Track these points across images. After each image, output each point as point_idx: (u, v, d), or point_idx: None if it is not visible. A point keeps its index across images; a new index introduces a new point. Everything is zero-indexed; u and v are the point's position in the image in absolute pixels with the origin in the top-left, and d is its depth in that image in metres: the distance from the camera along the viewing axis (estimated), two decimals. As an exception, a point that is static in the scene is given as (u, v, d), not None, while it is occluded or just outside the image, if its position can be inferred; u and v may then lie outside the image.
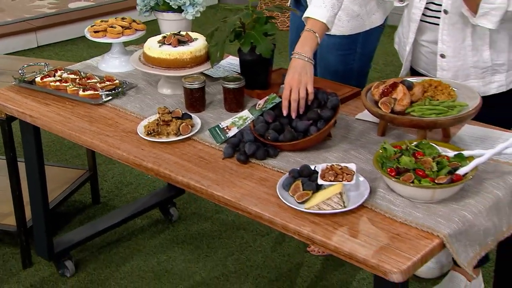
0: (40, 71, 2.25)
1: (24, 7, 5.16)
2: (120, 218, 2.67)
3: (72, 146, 3.37)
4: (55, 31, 4.89)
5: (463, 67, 1.99)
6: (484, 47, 1.96)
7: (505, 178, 1.62)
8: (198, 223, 2.80)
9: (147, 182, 3.09)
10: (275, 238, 2.68)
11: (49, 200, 2.52)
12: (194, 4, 2.22)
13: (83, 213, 2.89)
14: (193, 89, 1.97)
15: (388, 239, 1.45)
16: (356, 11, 2.25)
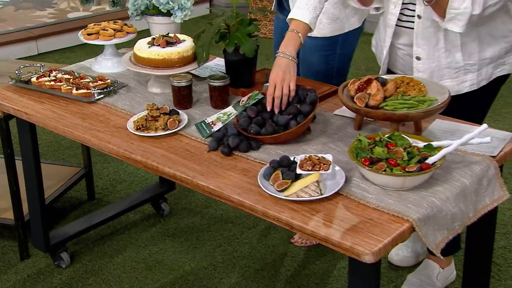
0: (36, 72, 2.26)
1: (26, 17, 5.17)
2: (114, 212, 2.68)
3: (69, 146, 3.38)
4: (54, 39, 4.90)
5: (437, 68, 2.01)
6: (456, 49, 1.99)
7: (471, 168, 1.64)
8: (188, 217, 2.81)
9: (140, 179, 3.10)
10: (261, 231, 2.69)
11: (46, 196, 2.53)
12: (182, 8, 2.24)
13: (79, 208, 2.89)
14: (181, 87, 1.98)
15: (361, 223, 1.47)
16: (336, 15, 2.28)
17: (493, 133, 1.78)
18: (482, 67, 2.03)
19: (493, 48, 2.01)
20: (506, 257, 2.50)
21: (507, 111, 3.59)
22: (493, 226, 1.91)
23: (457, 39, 1.96)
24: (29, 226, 2.51)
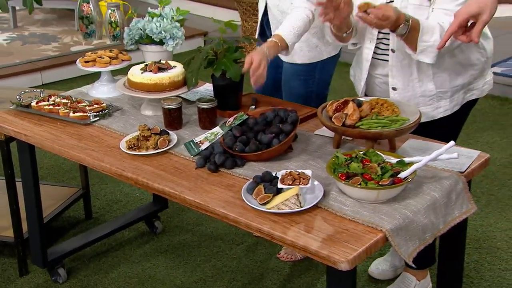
0: (36, 97, 2.27)
1: (32, 51, 5.20)
2: (109, 230, 2.66)
3: (69, 169, 3.37)
4: (58, 71, 4.92)
5: (412, 97, 2.03)
6: (428, 78, 2.01)
7: (441, 183, 1.65)
8: (180, 235, 2.79)
9: (135, 199, 3.09)
10: (249, 247, 2.68)
11: (44, 215, 2.52)
12: (174, 38, 2.26)
13: (76, 227, 2.88)
14: (171, 109, 2.00)
15: (338, 234, 1.47)
16: (315, 43, 2.32)
17: (462, 151, 1.80)
18: (454, 94, 2.05)
19: (463, 76, 2.04)
20: (479, 270, 2.49)
21: (479, 135, 3.62)
22: (463, 240, 1.91)
23: (429, 69, 1.99)
24: (28, 243, 2.49)
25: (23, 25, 5.80)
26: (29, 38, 5.48)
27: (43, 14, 6.09)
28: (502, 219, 2.82)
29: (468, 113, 2.16)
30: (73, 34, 5.47)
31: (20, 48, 5.26)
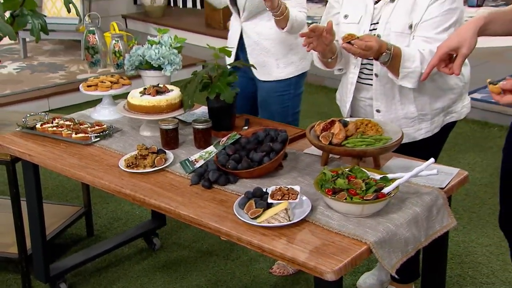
0: (40, 120, 2.27)
1: (40, 79, 5.22)
2: (109, 246, 2.64)
3: (72, 189, 3.35)
4: (64, 97, 4.93)
5: (395, 118, 2.03)
6: (410, 101, 2.02)
7: (423, 198, 1.65)
8: (177, 251, 2.77)
9: (135, 217, 3.07)
10: (243, 262, 2.66)
11: (47, 232, 2.50)
12: (171, 63, 2.27)
13: (78, 244, 2.85)
14: (168, 130, 2.00)
15: (324, 246, 1.46)
16: (291, 59, 2.47)
17: (442, 169, 1.81)
18: (434, 117, 2.06)
19: (442, 99, 2.05)
20: (461, 283, 2.47)
21: (461, 157, 3.62)
22: (445, 253, 1.90)
23: (411, 93, 2.00)
24: (31, 259, 2.47)
25: (33, 55, 5.83)
26: (37, 67, 5.50)
27: (52, 45, 6.13)
28: (483, 236, 2.81)
29: (447, 134, 2.17)
30: (79, 63, 5.49)
31: (29, 76, 5.28)
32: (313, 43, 1.88)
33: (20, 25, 2.44)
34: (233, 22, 2.60)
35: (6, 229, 2.63)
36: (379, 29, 1.95)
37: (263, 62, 2.49)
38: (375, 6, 1.97)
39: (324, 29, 1.84)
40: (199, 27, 6.04)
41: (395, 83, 1.97)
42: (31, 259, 2.47)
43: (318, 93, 4.64)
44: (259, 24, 2.45)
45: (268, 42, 2.45)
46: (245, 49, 2.51)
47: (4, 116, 2.69)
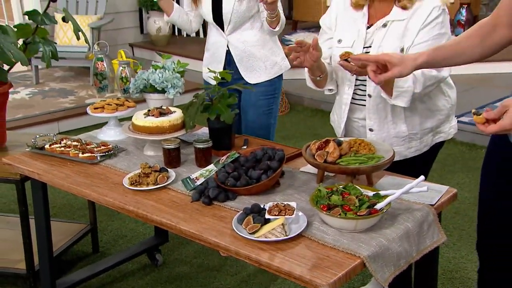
0: (49, 140, 2.26)
1: (51, 103, 5.23)
2: (114, 262, 2.61)
3: (79, 208, 3.33)
4: (73, 121, 4.94)
5: (387, 137, 2.03)
6: (401, 121, 2.02)
7: (414, 214, 1.63)
8: (179, 267, 2.74)
9: (139, 234, 3.05)
10: (242, 278, 2.63)
11: (54, 249, 2.48)
12: (174, 86, 2.28)
13: (84, 260, 2.82)
14: (170, 149, 1.99)
15: (319, 260, 1.44)
16: (274, 60, 2.64)
17: (432, 186, 1.79)
18: (423, 136, 2.06)
19: (431, 120, 2.05)
20: (453, 298, 2.45)
21: (451, 177, 3.60)
22: (435, 268, 1.87)
23: (402, 113, 2.00)
24: (39, 275, 2.44)
25: (44, 82, 5.85)
26: (49, 93, 5.52)
27: (62, 72, 6.16)
28: (473, 252, 2.77)
29: (436, 153, 2.16)
30: (88, 89, 5.51)
31: (40, 101, 5.29)
32: (300, 58, 1.90)
33: (32, 52, 2.46)
34: (214, 38, 2.70)
35: (15, 246, 2.61)
36: (371, 52, 1.95)
37: (252, 67, 2.66)
38: (368, 31, 1.98)
39: (310, 45, 1.86)
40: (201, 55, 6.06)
41: (387, 104, 1.97)
42: (38, 275, 2.44)
43: (314, 117, 4.64)
44: (244, 34, 2.63)
45: (255, 48, 2.61)
46: (232, 60, 2.65)
47: (15, 138, 2.68)
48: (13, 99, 5.23)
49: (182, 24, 2.77)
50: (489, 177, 1.80)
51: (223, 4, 2.58)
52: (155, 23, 6.56)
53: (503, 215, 1.77)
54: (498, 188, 1.75)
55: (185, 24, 2.77)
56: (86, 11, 5.88)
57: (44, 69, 6.07)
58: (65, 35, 5.63)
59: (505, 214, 1.76)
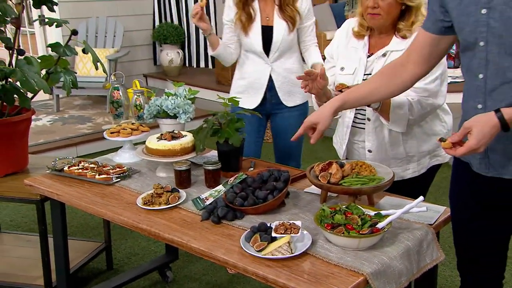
0: (68, 163, 2.24)
1: (70, 129, 5.23)
2: (127, 279, 2.56)
3: (95, 227, 3.29)
4: (90, 145, 4.93)
5: (385, 158, 2.00)
6: (399, 143, 1.99)
7: (414, 233, 1.59)
8: (188, 283, 2.68)
9: (151, 252, 3.00)
10: (248, 294, 2.57)
11: (71, 266, 2.43)
12: (185, 112, 2.26)
13: (99, 277, 2.77)
14: (181, 171, 1.96)
15: (324, 277, 1.40)
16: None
17: (431, 207, 1.76)
18: (420, 158, 2.03)
19: (428, 143, 2.02)
20: (451, 314, 2.37)
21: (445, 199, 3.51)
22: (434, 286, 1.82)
23: (400, 136, 1.98)
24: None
25: (64, 109, 5.88)
26: (68, 119, 5.53)
27: (81, 100, 6.19)
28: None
29: (433, 176, 2.12)
30: (105, 116, 5.52)
31: (60, 127, 5.30)
32: (309, 85, 1.91)
33: (53, 81, 2.45)
34: (254, 67, 2.67)
35: (34, 263, 2.57)
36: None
37: (290, 92, 2.68)
38: (368, 59, 1.98)
39: (318, 74, 1.87)
40: (210, 84, 6.09)
41: (385, 127, 1.95)
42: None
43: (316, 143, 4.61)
44: (286, 62, 2.65)
45: (294, 74, 2.58)
46: (273, 86, 2.64)
47: (36, 161, 2.67)
48: (36, 126, 5.25)
49: (225, 56, 2.69)
50: (459, 197, 1.72)
51: (274, 33, 2.58)
52: (167, 55, 6.60)
53: (477, 235, 1.68)
54: (470, 209, 1.66)
55: (228, 56, 2.69)
56: (104, 45, 5.93)
57: (65, 98, 6.10)
58: (84, 67, 5.66)
59: (479, 234, 1.67)
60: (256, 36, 2.59)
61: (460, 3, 1.45)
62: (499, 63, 1.39)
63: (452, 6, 1.48)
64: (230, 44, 2.68)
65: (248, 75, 2.69)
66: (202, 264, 2.79)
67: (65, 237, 2.30)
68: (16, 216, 3.44)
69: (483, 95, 1.45)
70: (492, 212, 1.61)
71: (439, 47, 1.60)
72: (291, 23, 2.56)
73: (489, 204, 1.60)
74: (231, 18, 2.62)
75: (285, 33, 2.57)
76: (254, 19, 2.57)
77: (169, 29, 6.49)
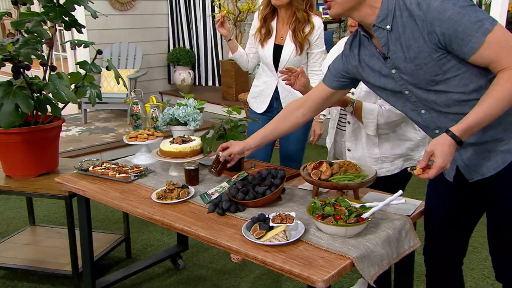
0: (92, 164, 2.22)
1: (96, 138, 5.21)
2: (143, 266, 2.53)
3: (116, 221, 3.26)
4: (112, 152, 4.90)
5: (362, 157, 1.99)
6: (375, 145, 1.98)
7: (394, 223, 1.56)
8: (197, 270, 2.65)
9: (164, 244, 2.96)
10: (250, 280, 2.53)
11: (95, 255, 2.41)
12: (194, 120, 2.24)
13: (119, 264, 2.74)
14: (190, 170, 1.94)
15: (315, 260, 1.37)
16: None
17: (409, 200, 1.73)
18: (394, 160, 2.00)
19: (401, 147, 2.00)
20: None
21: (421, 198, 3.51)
22: (412, 269, 1.79)
23: (375, 138, 1.96)
24: (82, 276, 2.36)
25: (91, 121, 5.86)
26: (94, 130, 5.51)
27: (105, 114, 6.17)
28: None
29: (408, 177, 2.10)
30: (125, 127, 5.51)
31: (87, 137, 5.28)
32: (291, 80, 1.92)
33: (81, 94, 2.44)
34: (266, 78, 2.66)
35: (63, 252, 2.54)
36: (354, 90, 1.93)
37: None
38: None
39: (299, 72, 1.89)
40: (217, 99, 6.08)
41: (362, 130, 1.94)
42: (81, 276, 2.36)
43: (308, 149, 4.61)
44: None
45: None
46: (278, 97, 2.61)
47: (65, 163, 2.65)
48: (66, 135, 5.23)
49: (241, 62, 2.71)
50: (434, 191, 1.70)
51: (282, 52, 2.57)
52: (180, 75, 6.60)
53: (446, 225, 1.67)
54: (443, 201, 1.65)
55: (244, 62, 2.71)
56: (126, 66, 5.93)
57: (91, 112, 6.09)
58: (108, 85, 5.66)
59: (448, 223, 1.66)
60: (269, 51, 2.59)
61: (373, 71, 1.52)
62: (427, 100, 1.45)
63: (366, 75, 1.55)
64: (248, 53, 2.71)
65: (260, 84, 2.69)
66: (209, 254, 2.75)
67: (90, 229, 2.27)
68: (48, 212, 3.41)
69: (433, 123, 1.50)
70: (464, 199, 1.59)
71: (333, 99, 1.70)
72: (299, 47, 2.53)
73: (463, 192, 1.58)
74: (254, 32, 2.63)
75: (293, 54, 2.55)
76: (270, 35, 2.57)
77: (182, 53, 6.51)
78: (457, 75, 1.37)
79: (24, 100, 2.14)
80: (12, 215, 3.36)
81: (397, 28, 1.38)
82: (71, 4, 2.30)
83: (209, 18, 6.46)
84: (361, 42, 1.54)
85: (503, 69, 1.29)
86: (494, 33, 1.28)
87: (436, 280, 1.73)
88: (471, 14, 1.27)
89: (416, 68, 1.40)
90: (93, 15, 2.34)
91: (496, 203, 1.51)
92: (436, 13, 1.29)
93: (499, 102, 1.28)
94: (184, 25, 6.68)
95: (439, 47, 1.33)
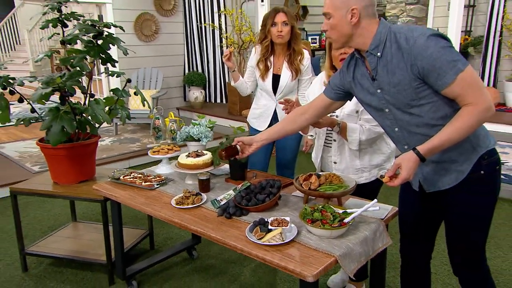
0: (123, 173, 2.23)
1: (124, 147, 5.21)
2: (164, 256, 2.53)
3: (142, 218, 3.25)
4: (138, 159, 4.89)
5: (346, 168, 1.99)
6: (356, 157, 1.98)
7: (370, 225, 1.57)
8: (208, 260, 2.65)
9: (181, 238, 2.96)
10: (252, 268, 2.53)
11: (125, 246, 2.41)
12: (206, 137, 2.25)
13: (144, 255, 2.73)
14: (203, 180, 1.94)
15: (306, 258, 1.37)
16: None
17: (382, 206, 1.73)
18: (371, 170, 2.01)
19: (377, 158, 2.01)
20: (394, 281, 2.32)
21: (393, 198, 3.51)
22: (384, 262, 1.79)
23: (356, 152, 1.96)
24: (115, 264, 2.36)
25: (121, 133, 5.86)
26: (123, 140, 5.51)
27: (133, 127, 6.18)
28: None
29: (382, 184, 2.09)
30: (149, 138, 5.51)
31: (117, 146, 5.29)
32: (288, 109, 1.94)
33: (113, 115, 2.46)
34: (265, 102, 2.67)
35: (99, 244, 2.54)
36: (337, 111, 1.94)
37: None
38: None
39: (294, 102, 1.91)
40: (224, 114, 6.09)
41: (346, 146, 1.95)
42: (114, 264, 2.36)
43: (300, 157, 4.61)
44: None
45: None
46: (277, 117, 2.63)
47: (101, 172, 2.65)
48: (100, 145, 5.24)
49: (242, 89, 2.71)
50: (405, 197, 1.70)
51: (280, 80, 2.59)
52: (193, 94, 6.62)
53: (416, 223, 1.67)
54: (412, 205, 1.66)
55: (244, 89, 2.72)
56: (149, 87, 5.95)
57: (121, 125, 6.10)
58: (135, 103, 5.67)
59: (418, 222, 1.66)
60: (269, 81, 2.63)
61: (362, 89, 1.52)
62: (402, 119, 1.46)
63: (357, 91, 1.56)
64: (247, 81, 2.73)
65: (260, 106, 2.71)
66: (219, 247, 2.75)
67: (120, 225, 2.27)
68: (87, 210, 3.42)
69: (404, 140, 1.50)
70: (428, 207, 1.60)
71: (331, 108, 1.69)
72: (295, 73, 2.57)
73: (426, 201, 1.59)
74: (253, 65, 2.66)
75: (289, 80, 2.58)
76: (269, 69, 2.60)
77: (195, 75, 6.53)
78: (429, 102, 1.37)
79: (68, 122, 2.16)
80: (58, 212, 3.36)
81: (386, 56, 1.38)
82: (107, 44, 2.32)
83: (217, 47, 6.49)
84: (356, 63, 1.54)
85: (467, 104, 1.30)
86: (465, 73, 1.28)
87: (410, 271, 1.74)
88: (448, 54, 1.28)
89: (397, 92, 1.40)
90: (124, 52, 2.36)
91: (449, 218, 1.53)
92: (420, 49, 1.30)
93: (459, 131, 1.30)
94: (197, 53, 6.72)
95: (418, 78, 1.34)
